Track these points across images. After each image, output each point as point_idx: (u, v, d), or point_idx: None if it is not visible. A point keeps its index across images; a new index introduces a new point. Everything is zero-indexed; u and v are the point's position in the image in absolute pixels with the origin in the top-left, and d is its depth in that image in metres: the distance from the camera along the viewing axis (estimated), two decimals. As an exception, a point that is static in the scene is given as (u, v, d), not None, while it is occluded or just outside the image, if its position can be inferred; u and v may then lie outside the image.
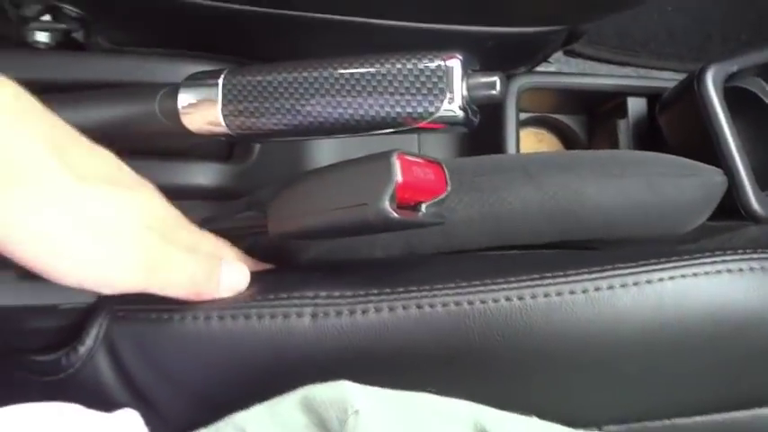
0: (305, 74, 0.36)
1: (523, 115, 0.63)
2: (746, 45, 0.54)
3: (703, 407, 0.35)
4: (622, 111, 0.59)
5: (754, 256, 0.34)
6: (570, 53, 0.73)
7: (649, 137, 0.58)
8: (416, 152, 0.37)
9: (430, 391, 0.32)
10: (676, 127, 0.55)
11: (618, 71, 0.67)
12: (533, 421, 0.32)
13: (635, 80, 0.59)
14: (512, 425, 0.31)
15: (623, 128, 0.58)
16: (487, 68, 0.58)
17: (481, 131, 0.40)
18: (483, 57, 0.53)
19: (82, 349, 0.35)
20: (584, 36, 0.72)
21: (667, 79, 0.56)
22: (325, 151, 0.51)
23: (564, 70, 0.71)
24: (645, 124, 0.57)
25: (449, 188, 0.39)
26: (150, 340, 0.36)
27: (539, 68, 0.64)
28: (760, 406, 0.35)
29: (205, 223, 0.45)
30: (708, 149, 0.50)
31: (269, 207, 0.39)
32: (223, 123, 0.37)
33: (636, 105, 0.59)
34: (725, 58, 0.51)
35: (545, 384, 0.35)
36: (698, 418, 0.35)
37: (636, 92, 0.59)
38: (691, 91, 0.50)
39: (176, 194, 0.47)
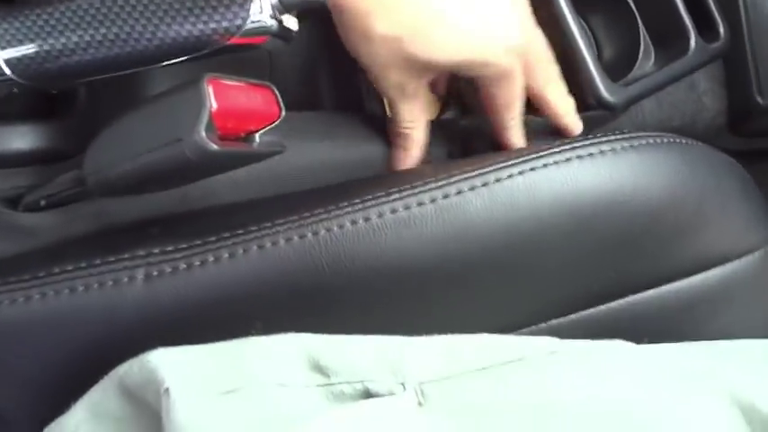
0: None
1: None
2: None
3: (576, 303, 0.34)
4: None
5: (604, 139, 0.33)
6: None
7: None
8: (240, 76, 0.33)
9: (254, 332, 0.29)
10: None
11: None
12: (369, 338, 0.30)
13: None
14: (345, 346, 0.28)
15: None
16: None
17: None
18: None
19: None
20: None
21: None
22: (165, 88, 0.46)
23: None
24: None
25: (283, 113, 0.35)
26: None
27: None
28: (632, 293, 0.35)
29: (27, 194, 0.40)
30: (557, 44, 0.49)
31: (84, 159, 0.34)
32: (8, 72, 0.32)
33: None
34: None
35: (406, 305, 0.32)
36: (573, 316, 0.34)
37: None
38: None
39: (-7, 164, 0.42)
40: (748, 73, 0.67)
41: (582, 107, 0.53)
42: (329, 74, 0.51)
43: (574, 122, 0.46)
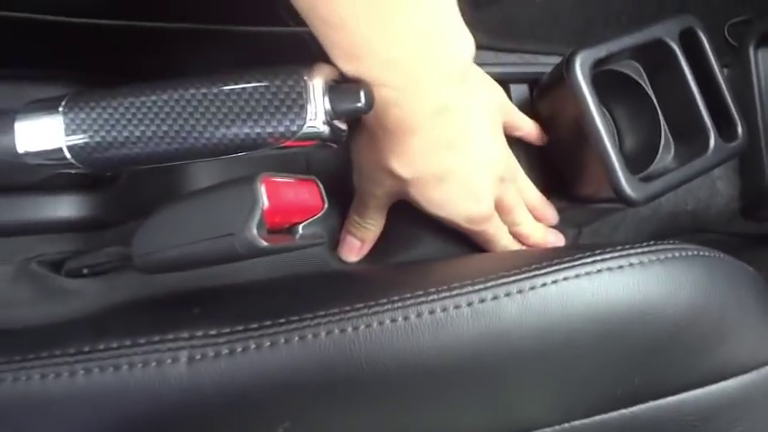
0: (153, 97, 0.33)
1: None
2: (624, 28, 0.55)
3: (598, 406, 0.35)
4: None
5: (632, 251, 0.34)
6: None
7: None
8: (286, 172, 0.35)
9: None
10: (552, 113, 0.56)
11: (504, 58, 0.66)
12: None
13: (515, 67, 0.59)
14: None
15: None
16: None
17: None
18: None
19: None
20: (470, 24, 0.72)
21: (550, 64, 0.56)
22: (204, 170, 0.48)
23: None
24: (528, 111, 0.57)
25: (325, 205, 0.37)
26: (8, 406, 0.32)
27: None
28: (653, 399, 0.36)
29: (70, 260, 0.41)
30: (580, 134, 0.51)
31: (132, 239, 0.36)
32: (69, 157, 0.34)
33: (518, 92, 0.58)
34: (593, 44, 0.51)
35: (438, 403, 0.33)
36: (595, 418, 0.35)
37: (517, 78, 0.58)
38: (561, 77, 0.51)
39: (34, 231, 0.43)
40: (762, 162, 0.69)
41: (602, 198, 0.55)
42: None
43: (549, 240, 0.53)
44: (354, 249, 0.47)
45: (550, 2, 0.71)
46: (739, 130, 0.56)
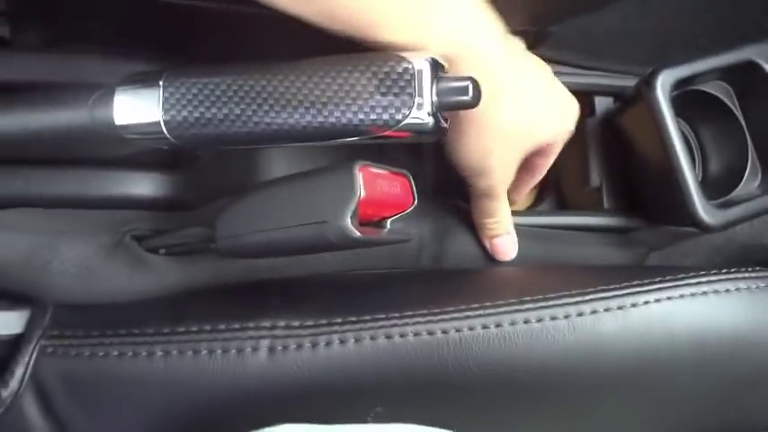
0: (256, 76, 0.32)
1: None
2: (703, 50, 0.53)
3: (688, 433, 0.34)
4: (589, 109, 0.57)
5: (739, 276, 0.33)
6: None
7: (616, 138, 0.56)
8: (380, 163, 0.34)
9: (373, 417, 0.29)
10: (632, 129, 0.54)
11: (583, 73, 0.64)
12: None
13: (602, 78, 0.57)
14: None
15: (590, 127, 0.56)
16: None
17: None
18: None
19: (5, 393, 0.31)
20: (549, 40, 0.70)
21: (636, 78, 0.54)
22: (283, 158, 0.48)
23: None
24: (611, 125, 0.56)
25: (415, 201, 0.36)
26: (85, 380, 0.32)
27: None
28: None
29: (150, 239, 0.41)
30: (659, 154, 0.49)
31: (217, 222, 0.35)
32: (165, 131, 0.33)
33: (603, 104, 0.57)
34: (676, 63, 0.49)
35: (524, 414, 0.32)
36: None
37: (603, 90, 0.56)
38: (641, 95, 0.49)
39: (116, 205, 0.43)
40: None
41: (677, 222, 0.53)
42: (433, 155, 0.51)
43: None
44: (510, 246, 0.45)
45: (630, 21, 0.69)
46: (833, 158, 0.53)
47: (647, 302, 0.31)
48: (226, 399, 0.31)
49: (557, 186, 0.61)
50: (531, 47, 0.62)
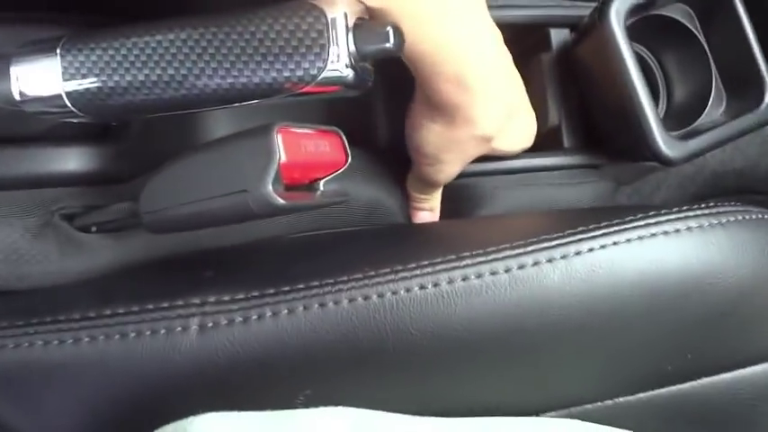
0: (158, 37, 0.29)
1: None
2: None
3: (646, 382, 0.32)
4: (545, 44, 0.54)
5: (690, 214, 0.31)
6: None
7: (573, 72, 0.53)
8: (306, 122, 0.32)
9: (302, 400, 0.28)
10: (589, 62, 0.51)
11: (540, 2, 0.61)
12: (423, 421, 0.28)
13: (557, 10, 0.54)
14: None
15: (546, 63, 0.53)
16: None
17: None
18: None
19: None
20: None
21: (591, 8, 0.51)
22: (221, 122, 0.45)
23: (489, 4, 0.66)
24: (568, 59, 0.53)
25: (349, 159, 0.33)
26: (11, 372, 0.30)
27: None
28: (706, 375, 0.33)
29: (81, 216, 0.39)
30: (617, 87, 0.47)
31: (140, 196, 0.33)
32: (68, 104, 0.31)
33: (559, 37, 0.54)
34: None
35: (471, 376, 0.31)
36: (641, 395, 0.32)
37: (558, 22, 0.54)
38: (595, 25, 0.46)
39: (43, 184, 0.40)
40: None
41: (640, 157, 0.51)
42: (385, 112, 0.49)
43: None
44: (429, 220, 0.45)
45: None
46: (800, 81, 0.51)
47: (591, 249, 0.29)
48: (158, 380, 0.30)
49: None
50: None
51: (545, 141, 0.55)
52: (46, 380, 0.30)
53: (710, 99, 0.52)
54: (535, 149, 0.56)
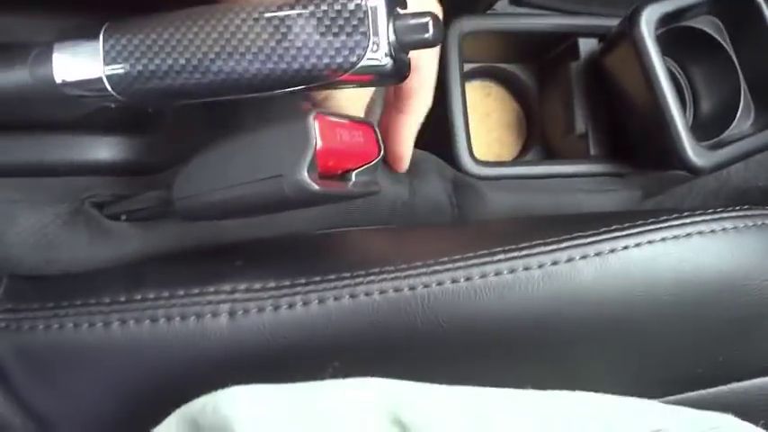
0: (200, 23, 0.30)
1: (468, 66, 0.57)
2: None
3: (676, 384, 0.32)
4: (574, 53, 0.54)
5: (725, 215, 0.31)
6: (517, 2, 0.67)
7: (601, 80, 0.53)
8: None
9: (332, 372, 0.28)
10: (618, 70, 0.51)
11: (566, 15, 0.62)
12: (455, 391, 0.28)
13: (586, 19, 0.54)
14: (429, 401, 0.27)
15: (574, 71, 0.54)
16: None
17: None
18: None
19: None
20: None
21: (618, 19, 0.51)
22: (255, 112, 0.45)
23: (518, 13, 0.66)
24: (596, 68, 0.53)
25: (382, 152, 0.34)
26: (41, 354, 0.30)
27: (482, 15, 0.59)
28: (737, 380, 0.32)
29: (112, 205, 0.39)
30: (646, 95, 0.47)
31: (174, 182, 0.33)
32: (108, 87, 0.31)
33: (588, 47, 0.54)
34: None
35: (499, 370, 0.30)
36: (670, 398, 0.32)
37: (587, 32, 0.54)
38: (626, 33, 0.47)
39: (76, 172, 0.41)
40: None
41: (667, 166, 0.51)
42: None
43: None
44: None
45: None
46: (830, 95, 0.51)
47: (626, 247, 0.29)
48: (187, 365, 0.30)
49: (542, 135, 0.59)
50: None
51: (572, 149, 0.55)
52: (76, 362, 0.30)
53: (739, 110, 0.52)
54: (562, 156, 0.56)
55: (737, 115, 0.52)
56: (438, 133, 0.50)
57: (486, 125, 0.59)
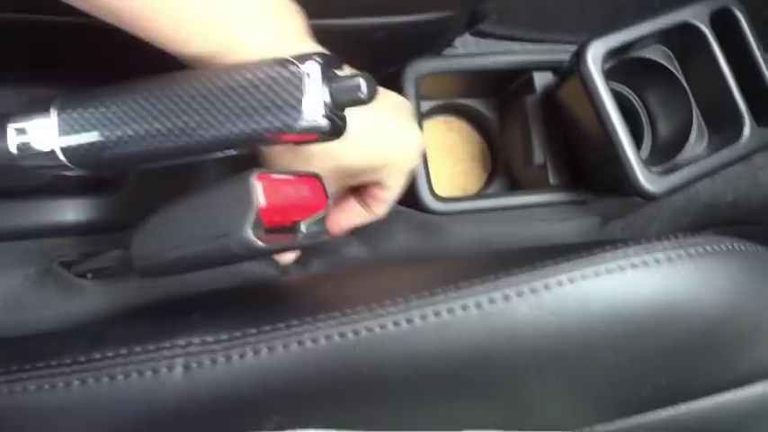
0: (145, 93, 0.31)
1: (430, 103, 0.59)
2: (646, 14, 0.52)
3: (623, 408, 0.33)
4: (530, 87, 0.56)
5: (658, 246, 0.32)
6: (479, 34, 0.69)
7: (556, 112, 0.55)
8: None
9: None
10: (571, 103, 0.53)
11: (527, 48, 0.64)
12: None
13: (539, 54, 0.56)
14: None
15: (530, 105, 0.55)
16: (382, 61, 0.54)
17: None
18: (374, 50, 0.50)
19: None
20: (495, 15, 0.69)
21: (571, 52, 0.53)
22: (215, 170, 0.47)
23: (474, 52, 0.68)
24: (552, 100, 0.55)
25: (330, 202, 0.35)
26: (7, 417, 0.31)
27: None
28: (683, 401, 0.33)
29: (79, 263, 0.40)
30: (596, 127, 0.49)
31: (131, 242, 0.35)
32: (63, 159, 0.33)
33: (543, 80, 0.56)
34: (607, 33, 0.49)
35: (445, 407, 0.31)
36: (620, 422, 0.33)
37: (541, 66, 0.56)
38: (574, 69, 0.48)
39: (44, 234, 0.42)
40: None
41: (622, 192, 0.52)
42: None
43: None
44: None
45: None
46: (778, 113, 0.52)
47: (560, 283, 0.30)
48: (147, 419, 0.31)
49: (506, 168, 0.60)
50: (470, 25, 0.61)
51: (533, 179, 0.56)
52: (39, 423, 0.31)
53: (692, 134, 0.54)
54: (525, 186, 0.58)
55: (692, 138, 0.54)
56: None
57: (451, 159, 0.61)
